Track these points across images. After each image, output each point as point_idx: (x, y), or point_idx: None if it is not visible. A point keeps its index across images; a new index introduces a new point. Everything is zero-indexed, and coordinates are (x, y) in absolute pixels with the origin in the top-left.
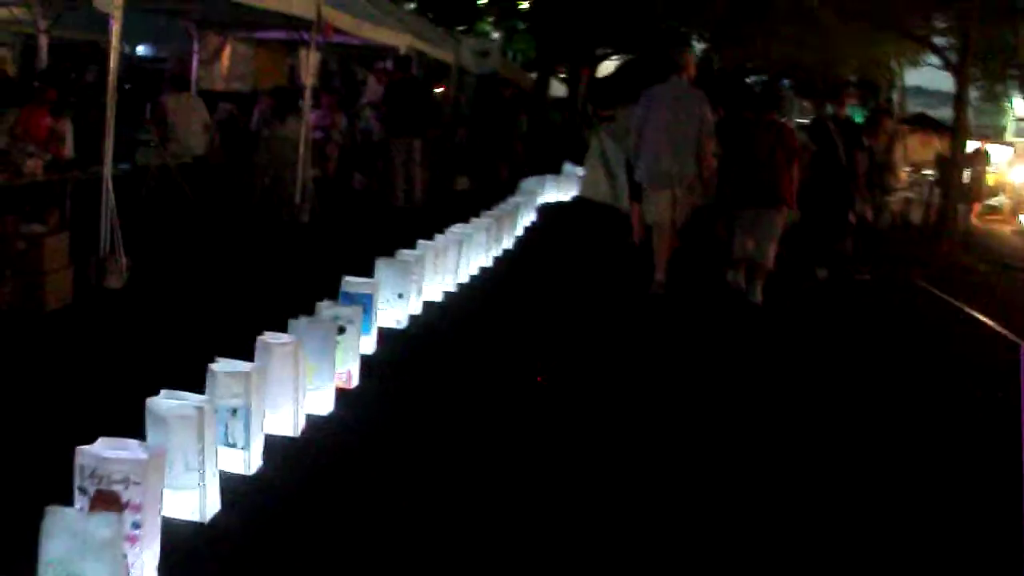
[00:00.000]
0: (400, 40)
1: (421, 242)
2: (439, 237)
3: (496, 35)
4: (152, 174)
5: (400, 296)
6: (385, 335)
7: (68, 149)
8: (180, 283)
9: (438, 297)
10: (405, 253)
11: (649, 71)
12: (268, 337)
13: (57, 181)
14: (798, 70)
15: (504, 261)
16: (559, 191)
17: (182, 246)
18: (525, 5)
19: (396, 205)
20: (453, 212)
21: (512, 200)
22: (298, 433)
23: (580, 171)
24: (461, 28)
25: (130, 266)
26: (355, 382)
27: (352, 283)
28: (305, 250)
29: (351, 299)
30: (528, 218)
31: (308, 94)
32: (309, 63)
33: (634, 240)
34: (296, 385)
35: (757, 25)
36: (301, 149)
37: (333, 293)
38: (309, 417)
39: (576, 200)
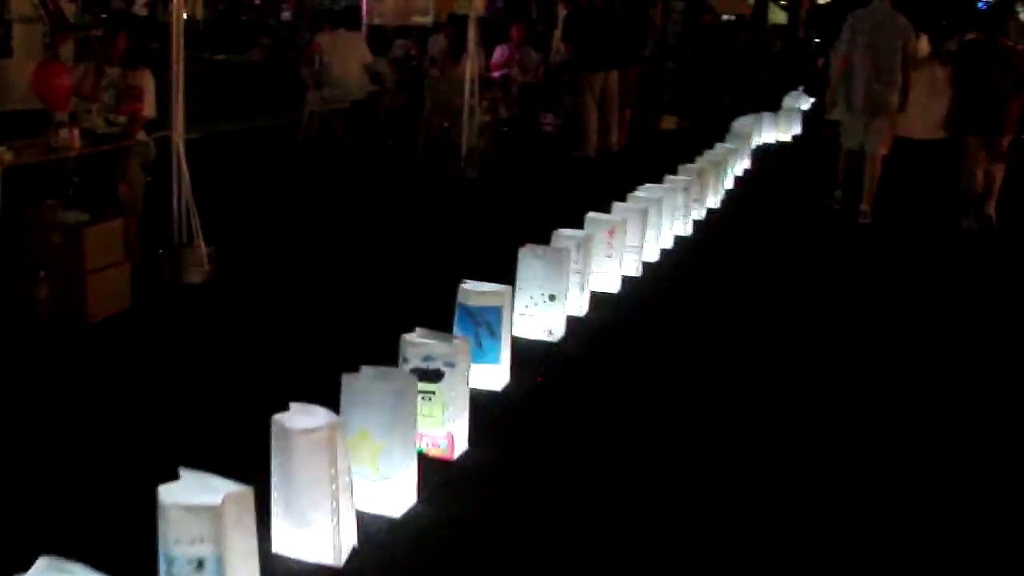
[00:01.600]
0: None
1: (592, 215)
2: (618, 207)
3: None
4: (305, 123)
5: (551, 298)
6: (526, 358)
7: (149, 108)
8: (279, 273)
9: (614, 287)
10: (564, 235)
11: None
12: (292, 414)
13: (109, 153)
14: None
15: (707, 227)
16: (778, 130)
17: (308, 217)
18: None
19: (587, 153)
20: (654, 160)
21: (720, 148)
22: (341, 562)
23: (804, 105)
24: None
25: (213, 255)
26: (461, 448)
27: (472, 292)
28: (461, 218)
29: (470, 316)
30: (740, 166)
31: (473, 26)
32: None
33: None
34: (334, 490)
35: None
36: (466, 92)
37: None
38: (368, 526)
39: (798, 141)
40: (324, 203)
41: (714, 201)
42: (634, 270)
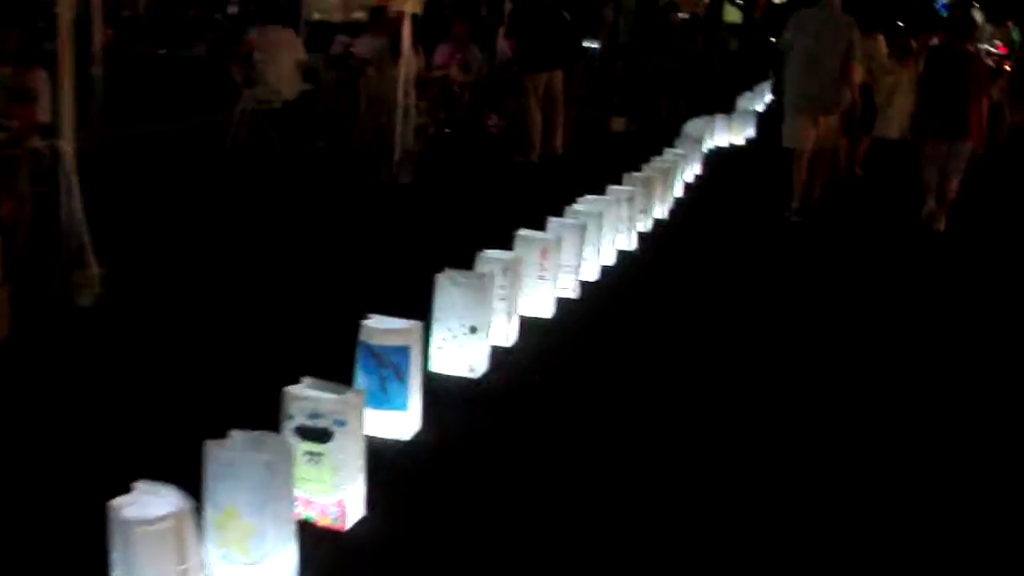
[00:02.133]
0: None
1: (523, 234)
2: (553, 223)
3: None
4: (235, 123)
5: (473, 331)
6: (442, 399)
7: (44, 112)
8: (177, 297)
9: (548, 312)
10: (489, 257)
11: None
12: (136, 496)
13: None
14: None
15: (653, 240)
16: (731, 133)
17: (221, 228)
18: None
19: (531, 158)
20: (600, 166)
21: (669, 153)
22: None
23: (759, 106)
24: None
25: (105, 276)
26: (355, 516)
27: (376, 330)
28: (387, 232)
29: (374, 357)
30: (691, 172)
31: (407, 24)
32: None
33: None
34: None
35: None
36: (400, 92)
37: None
38: None
39: (753, 145)
40: (241, 212)
41: (662, 211)
42: (571, 291)
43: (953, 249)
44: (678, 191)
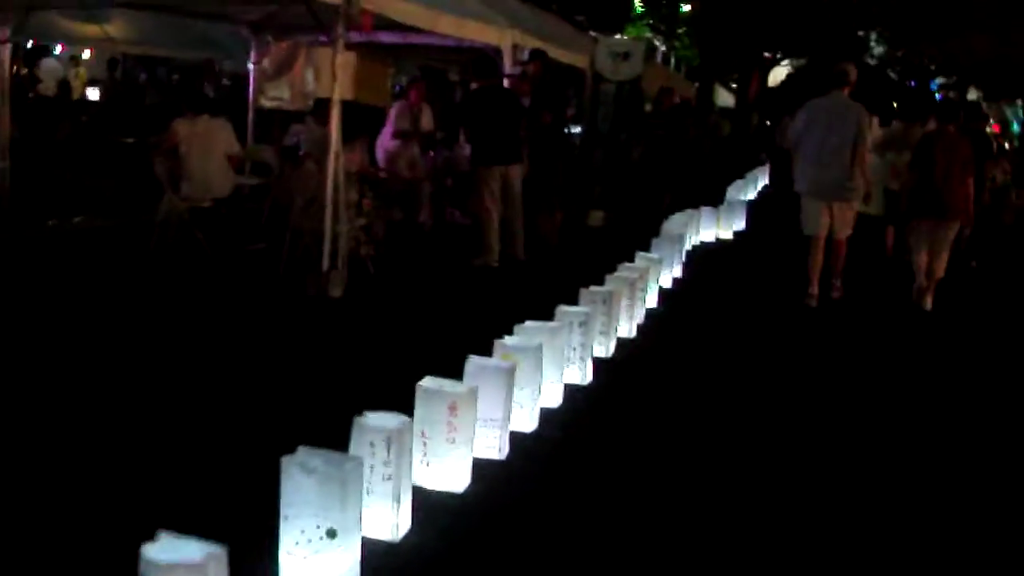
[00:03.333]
0: (500, 36)
1: (427, 386)
2: (475, 364)
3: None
4: (159, 224)
5: (331, 535)
6: None
7: None
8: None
9: (458, 485)
10: (370, 425)
11: (822, 82)
12: None
13: None
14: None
15: (612, 369)
16: (719, 227)
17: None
18: (687, 8)
19: (489, 262)
20: (568, 269)
21: (641, 258)
22: None
23: (751, 194)
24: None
25: None
26: None
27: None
28: (294, 369)
29: None
30: (668, 276)
31: (335, 114)
32: (334, 68)
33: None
34: None
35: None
36: (329, 189)
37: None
38: None
39: (743, 238)
40: (139, 334)
41: (629, 328)
42: (494, 451)
43: (943, 329)
44: (652, 300)
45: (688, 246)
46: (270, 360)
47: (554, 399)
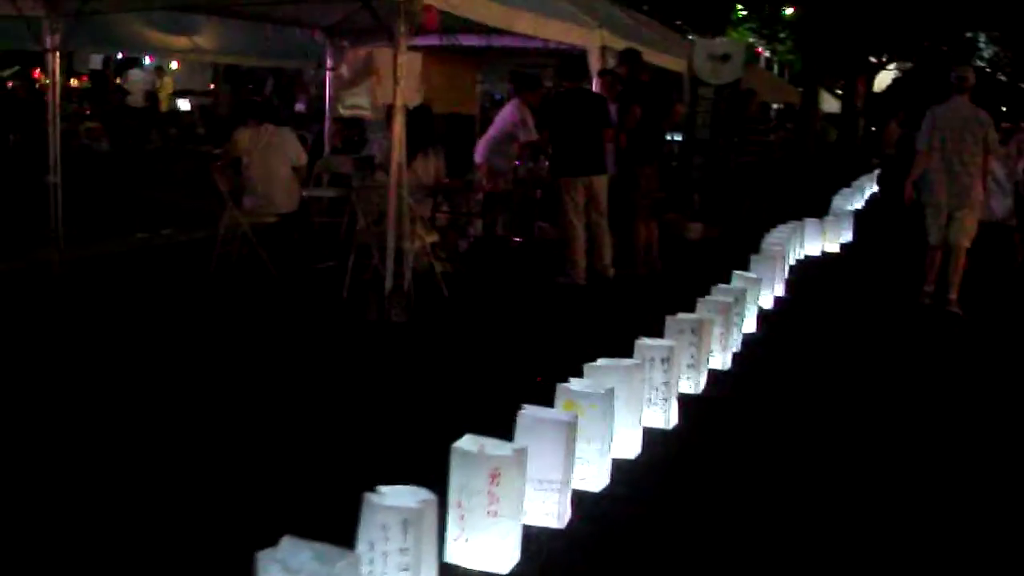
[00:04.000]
0: (586, 37)
1: (463, 449)
2: (527, 418)
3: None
4: (220, 241)
5: None
6: None
7: None
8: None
9: (503, 566)
10: (384, 504)
11: (928, 86)
12: None
13: None
14: None
15: (704, 408)
16: (825, 239)
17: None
18: (790, 11)
19: (575, 280)
20: (665, 289)
21: (739, 278)
22: None
23: (858, 203)
24: None
25: None
26: None
27: None
28: (333, 400)
29: None
30: (768, 297)
31: (398, 121)
32: (397, 71)
33: None
34: None
35: None
36: (392, 203)
37: None
38: None
39: (850, 251)
40: (169, 356)
41: (722, 359)
42: (552, 518)
43: None
44: (749, 325)
45: (792, 260)
46: (304, 393)
47: (630, 448)
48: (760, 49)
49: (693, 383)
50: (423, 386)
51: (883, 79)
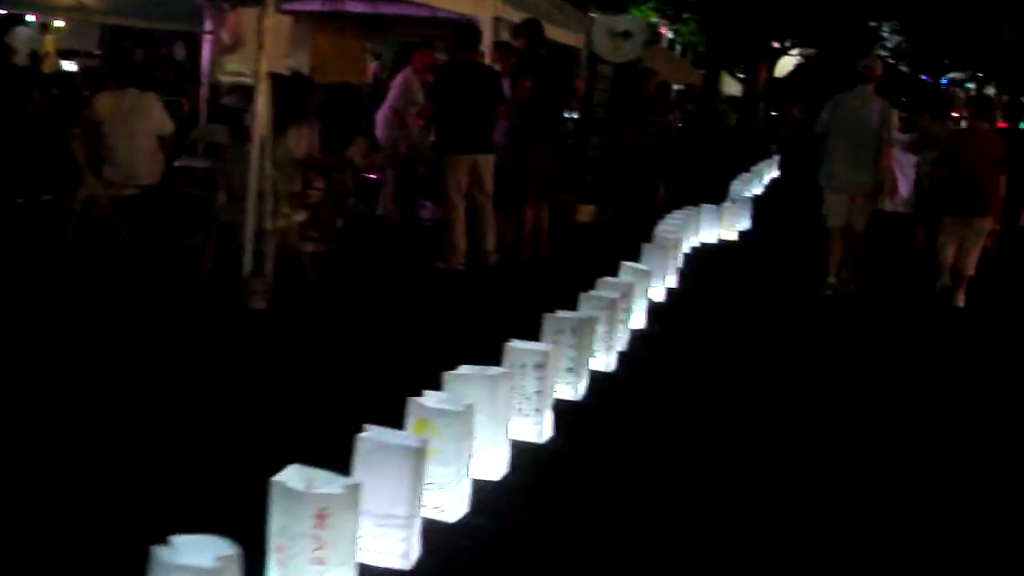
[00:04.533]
0: (478, 6)
1: (284, 484)
2: (365, 447)
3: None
4: (75, 213)
5: None
6: None
7: None
8: None
9: None
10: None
11: (831, 74)
12: None
13: None
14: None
15: (579, 419)
16: (721, 226)
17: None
18: None
19: (454, 264)
20: (546, 277)
21: (627, 270)
22: None
23: (756, 191)
24: None
25: None
26: None
27: None
28: (164, 402)
29: None
30: (660, 289)
31: (261, 91)
32: (261, 33)
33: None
34: None
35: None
36: (252, 178)
37: None
38: None
39: (748, 239)
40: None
41: (606, 360)
42: (396, 558)
43: (972, 325)
44: (637, 321)
45: (687, 249)
46: (132, 385)
47: (494, 469)
48: (663, 30)
49: (572, 389)
50: (267, 385)
51: (785, 64)
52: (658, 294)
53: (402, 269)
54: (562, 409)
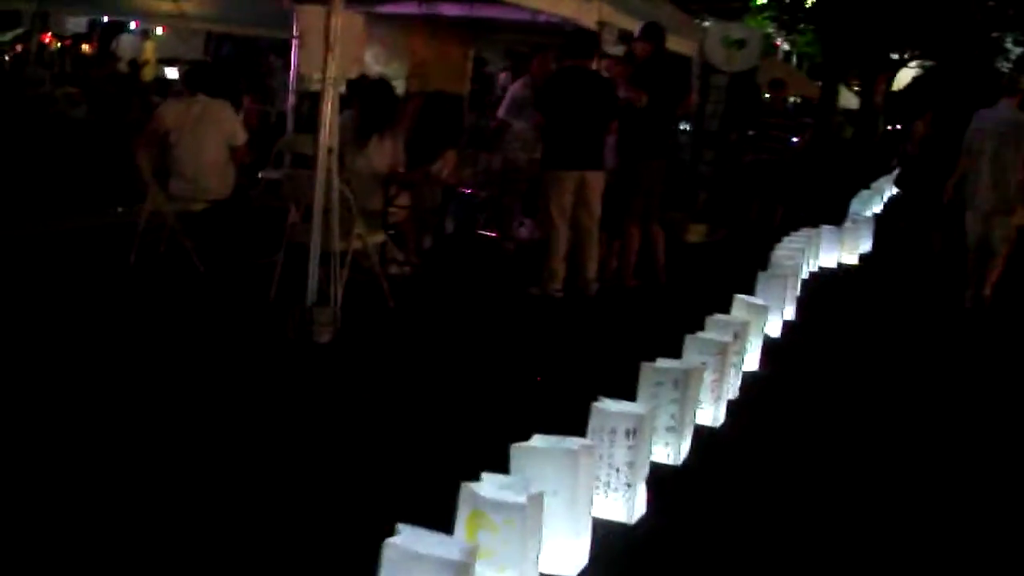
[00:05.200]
0: (579, 10)
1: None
2: (391, 553)
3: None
4: (141, 230)
5: None
6: None
7: None
8: None
9: None
10: None
11: (952, 86)
12: None
13: None
14: None
15: (684, 488)
16: (842, 249)
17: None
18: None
19: (550, 291)
20: (656, 308)
21: (741, 304)
22: None
23: (877, 207)
24: None
25: None
26: None
27: None
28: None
29: None
30: (776, 323)
31: (328, 99)
32: (327, 35)
33: None
34: None
35: None
36: (317, 196)
37: None
38: None
39: (869, 263)
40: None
41: (712, 414)
42: None
43: None
44: (751, 362)
45: (805, 275)
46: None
47: (570, 563)
48: (778, 42)
49: (672, 451)
50: (316, 435)
51: (903, 77)
52: (774, 328)
53: (492, 295)
54: (659, 476)
